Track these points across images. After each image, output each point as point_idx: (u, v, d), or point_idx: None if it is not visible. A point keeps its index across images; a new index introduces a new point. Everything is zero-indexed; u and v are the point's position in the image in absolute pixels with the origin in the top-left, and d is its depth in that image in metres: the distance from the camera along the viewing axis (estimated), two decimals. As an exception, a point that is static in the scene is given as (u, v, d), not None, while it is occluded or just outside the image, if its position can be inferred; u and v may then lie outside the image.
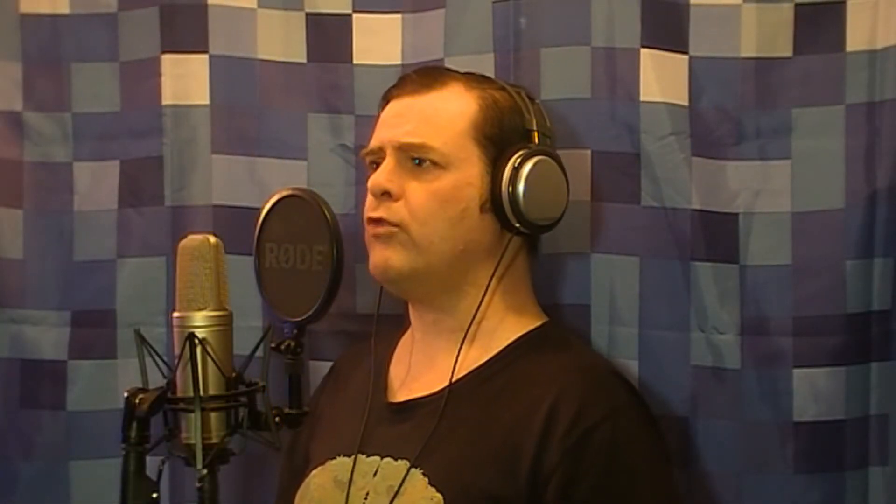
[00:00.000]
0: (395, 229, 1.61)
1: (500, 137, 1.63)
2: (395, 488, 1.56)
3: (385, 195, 1.61)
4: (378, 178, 1.62)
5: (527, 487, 1.53)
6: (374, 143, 1.67)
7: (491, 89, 1.67)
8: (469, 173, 1.63)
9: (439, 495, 1.54)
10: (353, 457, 1.63)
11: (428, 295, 1.66)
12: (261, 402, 1.38)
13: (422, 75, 1.68)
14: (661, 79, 1.82)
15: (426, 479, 1.55)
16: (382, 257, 1.62)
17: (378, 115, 1.69)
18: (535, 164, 1.62)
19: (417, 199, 1.61)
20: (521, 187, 1.61)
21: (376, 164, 1.65)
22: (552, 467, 1.52)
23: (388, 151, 1.63)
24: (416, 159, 1.62)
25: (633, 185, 1.83)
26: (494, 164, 1.62)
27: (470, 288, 1.64)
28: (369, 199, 1.64)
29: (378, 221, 1.62)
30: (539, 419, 1.54)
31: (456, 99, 1.64)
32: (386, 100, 1.69)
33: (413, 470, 1.56)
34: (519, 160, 1.62)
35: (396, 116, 1.65)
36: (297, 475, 1.72)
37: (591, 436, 1.53)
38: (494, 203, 1.62)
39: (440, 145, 1.62)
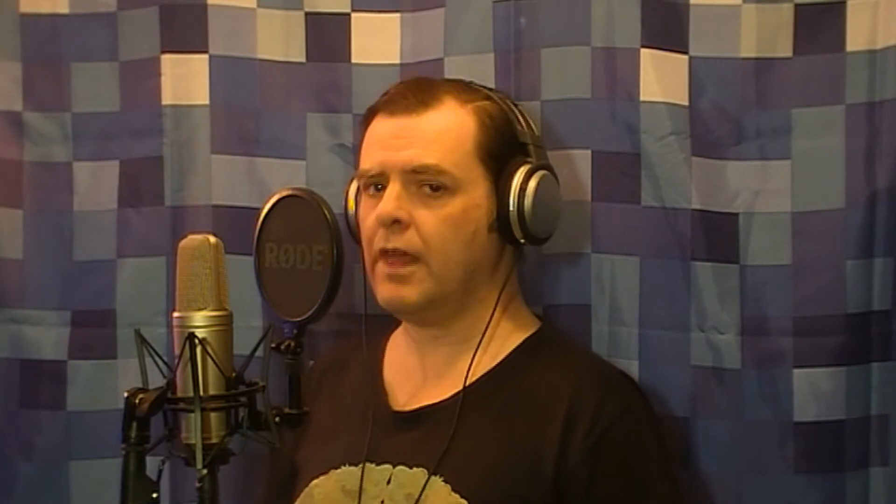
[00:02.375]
0: (413, 268, 1.59)
1: (498, 152, 1.63)
2: (416, 496, 1.56)
3: (395, 223, 1.59)
4: (387, 207, 1.59)
5: (552, 487, 1.55)
6: (372, 165, 1.63)
7: (479, 100, 1.65)
8: (476, 194, 1.62)
9: (464, 501, 1.54)
10: (360, 465, 1.62)
11: (438, 318, 1.65)
12: (261, 402, 1.38)
13: (413, 91, 1.64)
14: (661, 79, 1.81)
15: (448, 486, 1.55)
16: (397, 294, 1.61)
17: (363, 132, 1.67)
18: (539, 181, 1.63)
19: (430, 226, 1.59)
20: (527, 205, 1.62)
21: (375, 187, 1.63)
22: (576, 464, 1.55)
23: (393, 176, 1.61)
24: (427, 184, 1.60)
25: (633, 185, 1.83)
26: (497, 182, 1.62)
27: (474, 303, 1.65)
28: (375, 228, 1.61)
29: (393, 254, 1.60)
30: (558, 420, 1.56)
31: (454, 116, 1.62)
32: (373, 115, 1.66)
33: (433, 477, 1.56)
34: (523, 178, 1.62)
35: (396, 138, 1.62)
36: (282, 484, 1.72)
37: (610, 432, 1.56)
38: (501, 222, 1.63)
39: (452, 167, 1.60)
